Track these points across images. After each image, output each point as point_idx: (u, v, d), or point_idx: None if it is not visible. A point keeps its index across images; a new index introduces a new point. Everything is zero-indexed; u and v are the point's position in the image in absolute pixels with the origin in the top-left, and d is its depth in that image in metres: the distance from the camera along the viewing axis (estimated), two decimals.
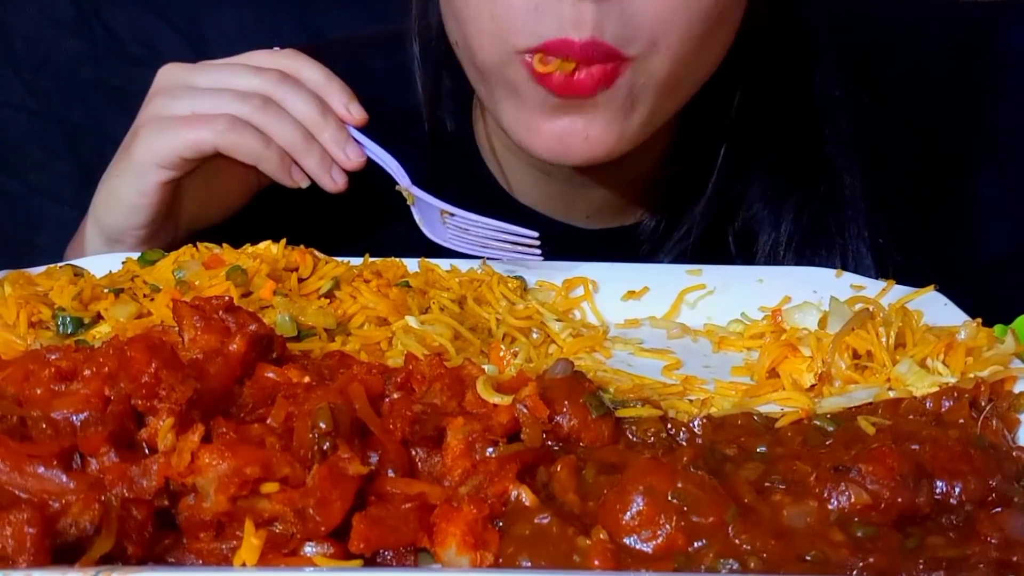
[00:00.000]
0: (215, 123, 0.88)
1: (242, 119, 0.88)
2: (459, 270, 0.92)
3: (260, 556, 0.55)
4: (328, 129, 0.90)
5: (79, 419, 0.60)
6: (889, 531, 0.57)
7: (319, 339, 0.80)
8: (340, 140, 0.90)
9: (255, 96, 0.89)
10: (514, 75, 0.88)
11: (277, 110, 0.89)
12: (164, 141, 0.89)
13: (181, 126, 0.88)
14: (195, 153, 0.88)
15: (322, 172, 0.91)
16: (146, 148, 0.89)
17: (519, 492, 0.60)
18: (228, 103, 0.88)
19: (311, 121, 0.89)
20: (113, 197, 0.93)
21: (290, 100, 0.89)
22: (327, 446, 0.59)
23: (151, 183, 0.90)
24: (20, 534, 0.52)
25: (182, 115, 0.89)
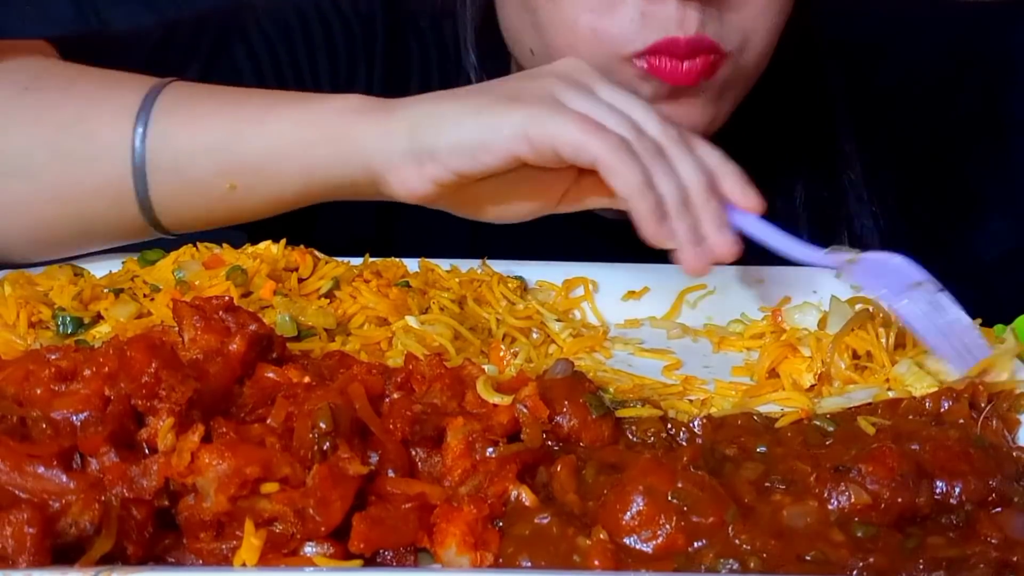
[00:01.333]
0: (608, 138, 0.78)
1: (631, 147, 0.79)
2: (459, 270, 0.92)
3: (260, 556, 0.55)
4: (710, 205, 0.79)
5: (79, 419, 0.60)
6: (889, 531, 0.57)
7: (319, 339, 0.80)
8: (718, 220, 0.79)
9: (648, 139, 0.80)
10: (621, 76, 0.89)
11: (665, 162, 0.80)
12: (551, 122, 0.79)
13: (574, 120, 0.79)
14: (572, 154, 0.79)
15: (690, 242, 0.79)
16: (526, 115, 0.79)
17: (519, 492, 0.60)
18: (624, 128, 0.80)
19: (696, 188, 0.79)
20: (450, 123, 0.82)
21: (683, 161, 0.80)
22: (327, 446, 0.59)
23: (505, 147, 0.80)
24: (20, 534, 0.52)
25: (576, 110, 0.80)
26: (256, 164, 0.86)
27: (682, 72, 0.88)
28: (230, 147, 0.86)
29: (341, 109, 0.85)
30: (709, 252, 0.79)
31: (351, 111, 0.85)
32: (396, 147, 0.82)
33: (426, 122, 0.82)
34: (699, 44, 0.87)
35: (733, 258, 0.79)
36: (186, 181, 0.87)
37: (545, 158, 0.79)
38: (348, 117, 0.84)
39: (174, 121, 0.86)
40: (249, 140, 0.86)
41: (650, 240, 0.79)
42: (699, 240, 0.79)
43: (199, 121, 0.86)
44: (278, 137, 0.85)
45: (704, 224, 0.79)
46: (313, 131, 0.85)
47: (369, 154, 0.83)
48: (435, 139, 0.81)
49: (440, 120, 0.82)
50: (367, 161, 0.83)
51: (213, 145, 0.86)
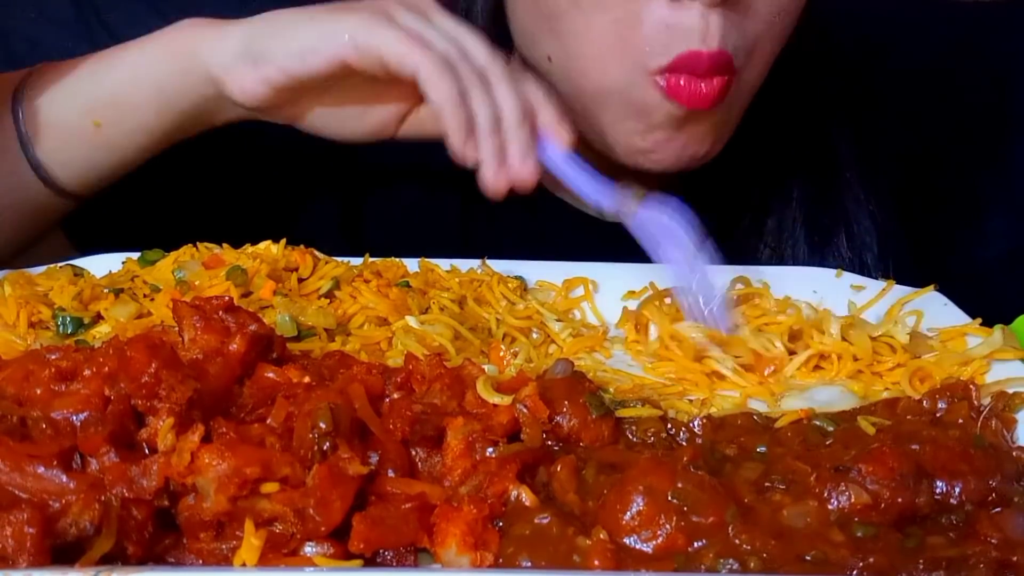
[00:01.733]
0: (431, 53, 0.84)
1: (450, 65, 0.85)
2: (459, 270, 0.92)
3: (260, 556, 0.55)
4: (520, 131, 0.85)
5: (79, 419, 0.60)
6: (889, 531, 0.57)
7: (319, 339, 0.80)
8: (524, 148, 0.85)
9: (470, 64, 0.85)
10: (643, 94, 0.90)
11: (486, 89, 0.85)
12: (378, 31, 0.84)
13: (400, 34, 0.84)
14: (396, 64, 0.84)
15: (490, 162, 0.85)
16: (356, 22, 0.85)
17: (519, 492, 0.60)
18: (450, 51, 0.85)
19: (510, 116, 0.85)
20: (283, 27, 0.88)
21: (502, 88, 0.85)
22: (327, 446, 0.59)
23: (333, 51, 0.85)
24: (20, 534, 0.52)
25: (407, 25, 0.85)
26: (112, 96, 0.93)
27: (701, 95, 0.88)
28: (88, 88, 0.93)
29: (179, 27, 0.91)
30: (511, 173, 0.85)
31: (189, 27, 0.91)
32: (231, 50, 0.88)
33: (261, 28, 0.88)
34: (720, 59, 0.87)
35: (531, 184, 0.85)
36: (59, 129, 0.94)
37: (371, 66, 0.85)
38: (187, 33, 0.91)
39: (42, 83, 0.94)
40: (102, 76, 0.93)
41: (456, 153, 0.85)
42: (503, 162, 0.84)
43: (61, 77, 0.94)
44: (127, 67, 0.93)
45: (511, 148, 0.85)
46: (157, 53, 0.91)
47: (207, 61, 0.89)
48: (268, 41, 0.87)
49: (275, 26, 0.88)
50: (206, 68, 0.89)
51: (73, 90, 0.94)
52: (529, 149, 0.85)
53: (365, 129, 0.93)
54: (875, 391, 0.77)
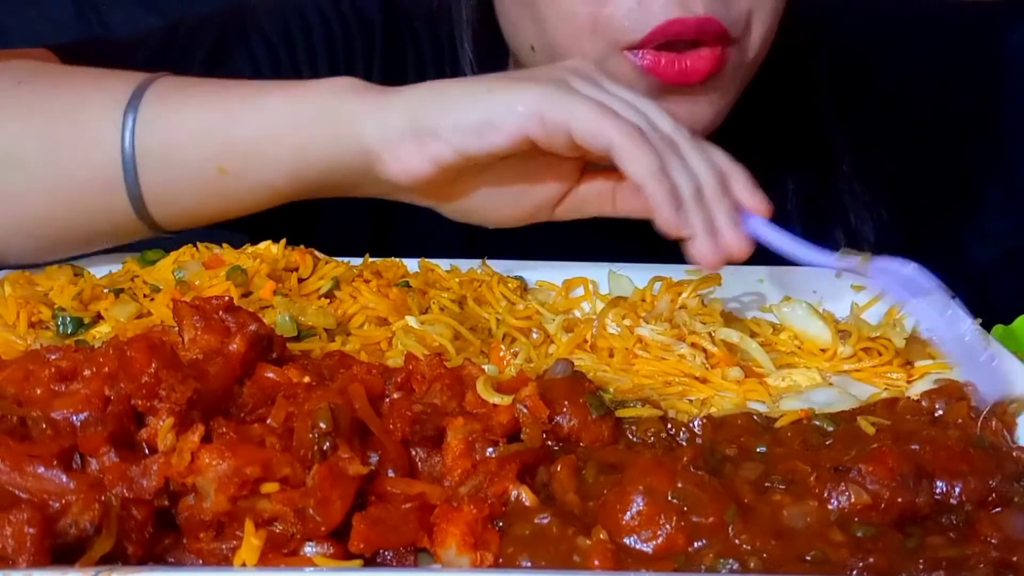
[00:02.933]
0: (623, 122, 0.76)
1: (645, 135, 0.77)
2: (459, 270, 0.92)
3: (260, 556, 0.55)
4: (725, 201, 0.78)
5: (79, 419, 0.60)
6: (889, 531, 0.57)
7: (319, 339, 0.80)
8: (732, 217, 0.77)
9: (662, 132, 0.78)
10: (616, 69, 0.87)
11: (679, 156, 0.78)
12: (565, 103, 0.76)
13: (589, 103, 0.76)
14: (587, 135, 0.76)
15: (706, 235, 0.76)
16: (539, 93, 0.77)
17: (519, 492, 0.60)
18: (638, 118, 0.78)
19: (710, 186, 0.78)
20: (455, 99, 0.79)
21: (695, 157, 0.78)
22: (327, 446, 0.59)
23: (515, 125, 0.77)
24: (20, 534, 0.52)
25: (590, 97, 0.77)
26: (247, 146, 0.83)
27: (685, 69, 0.86)
28: (221, 130, 0.84)
29: (335, 89, 0.83)
30: (724, 246, 0.77)
31: (346, 90, 0.82)
32: (395, 125, 0.79)
33: (430, 101, 0.80)
34: (707, 25, 0.85)
35: (746, 256, 0.78)
36: (176, 168, 0.84)
37: (556, 140, 0.77)
38: (343, 97, 0.82)
39: (164, 108, 0.85)
40: (240, 122, 0.84)
41: (666, 227, 0.77)
42: (714, 233, 0.77)
43: (189, 107, 0.85)
44: (270, 117, 0.83)
45: (718, 219, 0.77)
46: (306, 110, 0.82)
47: (364, 132, 0.80)
48: (439, 116, 0.78)
49: (446, 98, 0.80)
50: (362, 139, 0.80)
51: (203, 129, 0.84)
52: (735, 218, 0.78)
53: (520, 213, 0.86)
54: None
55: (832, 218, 1.06)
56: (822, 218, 1.06)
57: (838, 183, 1.06)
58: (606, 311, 0.84)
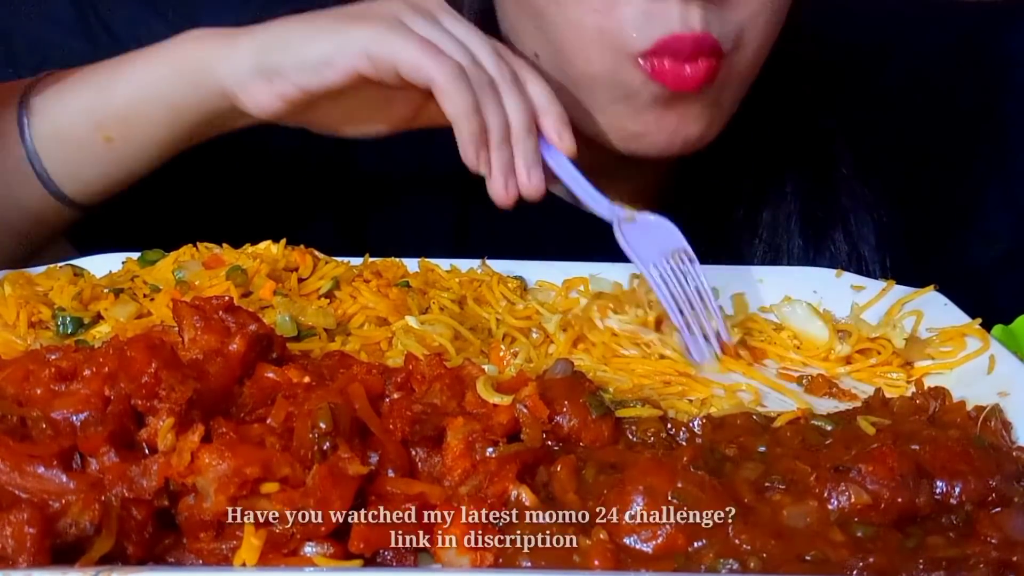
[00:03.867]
0: (445, 62, 0.84)
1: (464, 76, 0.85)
2: (459, 270, 0.92)
3: (260, 556, 0.55)
4: (527, 143, 0.87)
5: (79, 419, 0.60)
6: (889, 531, 0.57)
7: (319, 339, 0.80)
8: (531, 159, 0.87)
9: (482, 71, 0.86)
10: (628, 77, 0.91)
11: (496, 96, 0.86)
12: (392, 42, 0.84)
13: (415, 42, 0.84)
14: (411, 75, 0.85)
15: (501, 175, 0.86)
16: (369, 33, 0.85)
17: (519, 492, 0.60)
18: (462, 56, 0.85)
19: (517, 125, 0.86)
20: (295, 40, 0.87)
21: (511, 96, 0.86)
22: (327, 446, 0.59)
23: (347, 63, 0.85)
24: (20, 534, 0.52)
25: (419, 33, 0.85)
26: (123, 111, 0.92)
27: (685, 77, 0.89)
28: (96, 104, 0.92)
29: (187, 41, 0.91)
30: (518, 186, 0.86)
31: (197, 41, 0.90)
32: (244, 65, 0.87)
33: (273, 41, 0.88)
34: (704, 42, 0.88)
35: (538, 195, 0.87)
36: (68, 146, 0.93)
37: (386, 76, 0.85)
38: (195, 47, 0.90)
39: (47, 98, 0.94)
40: (111, 93, 0.92)
41: (468, 165, 0.86)
42: (511, 174, 0.86)
43: (66, 91, 0.94)
44: (136, 82, 0.92)
45: (518, 159, 0.86)
46: (166, 69, 0.91)
47: (219, 76, 0.88)
48: (282, 57, 0.86)
49: (287, 39, 0.87)
50: (219, 83, 0.88)
51: (81, 106, 0.93)
52: (536, 160, 0.87)
53: (380, 128, 0.94)
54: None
55: (831, 220, 1.06)
56: (821, 220, 1.06)
57: (837, 185, 1.07)
58: (590, 304, 0.84)
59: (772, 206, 1.07)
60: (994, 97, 1.14)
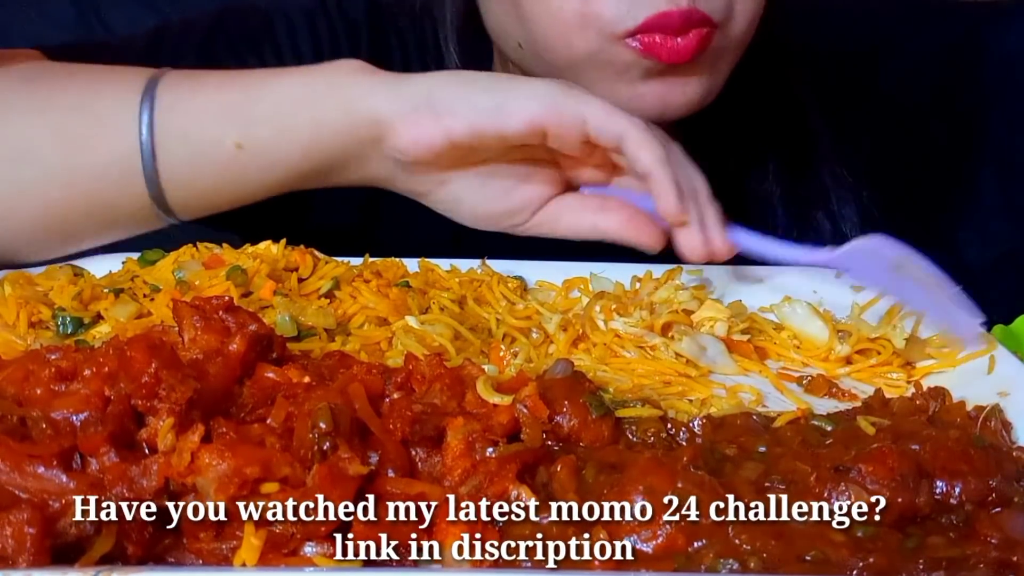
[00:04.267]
0: (634, 120, 0.81)
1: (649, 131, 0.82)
2: (459, 270, 0.92)
3: (260, 556, 0.55)
4: (715, 205, 0.84)
5: (79, 419, 0.60)
6: (889, 531, 0.57)
7: (319, 339, 0.80)
8: (722, 220, 0.84)
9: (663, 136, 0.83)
10: (616, 56, 0.90)
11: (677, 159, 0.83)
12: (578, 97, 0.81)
13: (601, 101, 0.81)
14: (600, 127, 0.80)
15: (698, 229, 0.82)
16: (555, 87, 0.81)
17: (519, 492, 0.60)
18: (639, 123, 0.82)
19: (703, 188, 0.84)
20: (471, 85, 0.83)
21: (688, 163, 0.84)
22: (327, 446, 0.59)
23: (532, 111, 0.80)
24: (20, 534, 0.52)
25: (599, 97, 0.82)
26: (264, 120, 0.85)
27: (678, 49, 0.88)
28: (239, 107, 0.86)
29: (350, 68, 0.86)
30: (713, 240, 0.83)
31: (359, 69, 0.85)
32: (409, 98, 0.82)
33: (446, 83, 0.83)
34: (692, 16, 0.87)
35: (729, 256, 0.84)
36: (194, 146, 0.86)
37: (568, 131, 0.81)
38: (356, 74, 0.85)
39: (180, 93, 0.87)
40: (257, 99, 0.86)
41: (668, 213, 0.81)
42: (704, 229, 0.83)
43: (206, 90, 0.87)
44: (285, 94, 0.86)
45: (708, 217, 0.83)
46: (320, 86, 0.85)
47: (378, 104, 0.83)
48: (454, 96, 0.82)
49: (466, 82, 0.83)
50: (375, 111, 0.83)
51: (221, 107, 0.86)
52: (723, 221, 0.84)
53: (500, 212, 0.88)
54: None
55: (813, 200, 1.07)
56: (803, 199, 1.07)
57: (818, 165, 1.07)
58: (592, 304, 0.84)
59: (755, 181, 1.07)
60: (993, 97, 1.14)
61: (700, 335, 0.82)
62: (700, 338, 0.82)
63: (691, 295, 0.86)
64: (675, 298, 0.86)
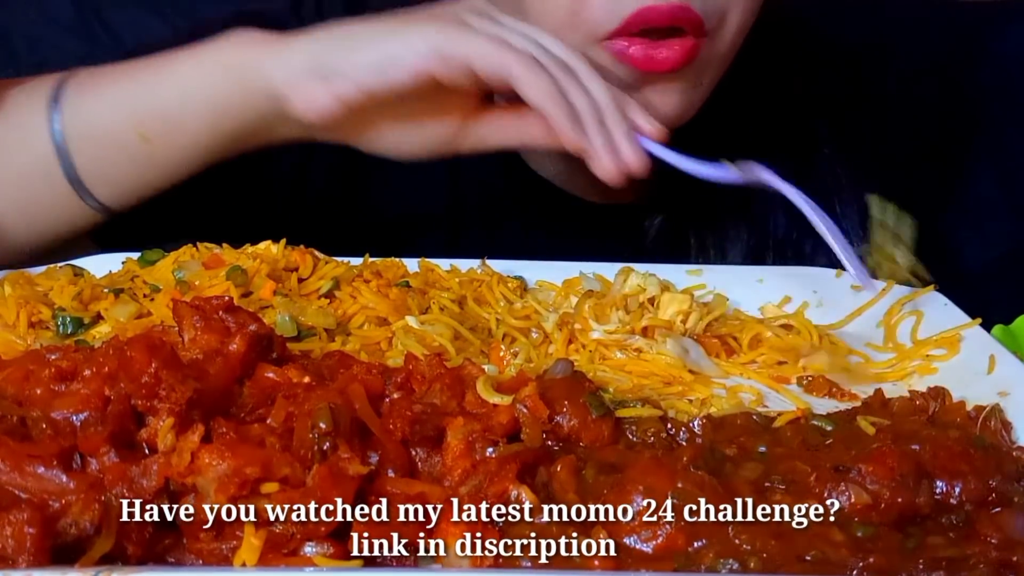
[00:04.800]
0: (521, 53, 0.81)
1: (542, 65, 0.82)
2: (459, 270, 0.92)
3: (260, 556, 0.55)
4: (623, 121, 0.84)
5: (79, 419, 0.60)
6: (889, 531, 0.57)
7: (319, 339, 0.80)
8: (630, 135, 0.84)
9: (558, 59, 0.84)
10: (597, 59, 0.90)
11: (576, 80, 0.84)
12: (461, 38, 0.81)
13: (484, 39, 0.81)
14: (486, 68, 0.81)
15: (605, 152, 0.83)
16: (437, 31, 0.82)
17: (519, 492, 0.60)
18: (534, 48, 0.83)
19: (608, 106, 0.84)
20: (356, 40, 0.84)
21: (592, 81, 0.84)
22: (327, 446, 0.59)
23: (416, 61, 0.82)
24: (20, 534, 0.52)
25: (486, 32, 0.82)
26: (164, 109, 0.89)
27: (656, 59, 0.88)
28: (137, 101, 0.89)
29: (238, 42, 0.87)
30: (624, 159, 0.84)
31: (247, 42, 0.87)
32: (299, 66, 0.84)
33: (330, 41, 0.85)
34: (680, 14, 0.86)
35: (644, 171, 0.84)
36: (103, 145, 0.90)
37: (457, 75, 0.82)
38: (246, 47, 0.87)
39: (83, 94, 0.91)
40: (153, 90, 0.89)
41: (568, 143, 0.83)
42: (613, 150, 0.83)
43: (105, 88, 0.91)
44: (180, 80, 0.88)
45: (616, 136, 0.84)
46: (213, 64, 0.87)
47: (269, 75, 0.85)
48: (343, 56, 0.83)
49: (348, 39, 0.85)
50: (268, 83, 0.85)
51: (120, 101, 0.90)
52: (633, 136, 0.84)
53: (426, 145, 0.91)
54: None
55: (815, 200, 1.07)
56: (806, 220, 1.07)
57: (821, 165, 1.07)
58: (582, 303, 0.84)
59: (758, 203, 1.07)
60: (993, 97, 1.15)
61: (682, 339, 0.82)
62: (683, 341, 0.81)
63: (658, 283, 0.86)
64: (644, 284, 0.86)
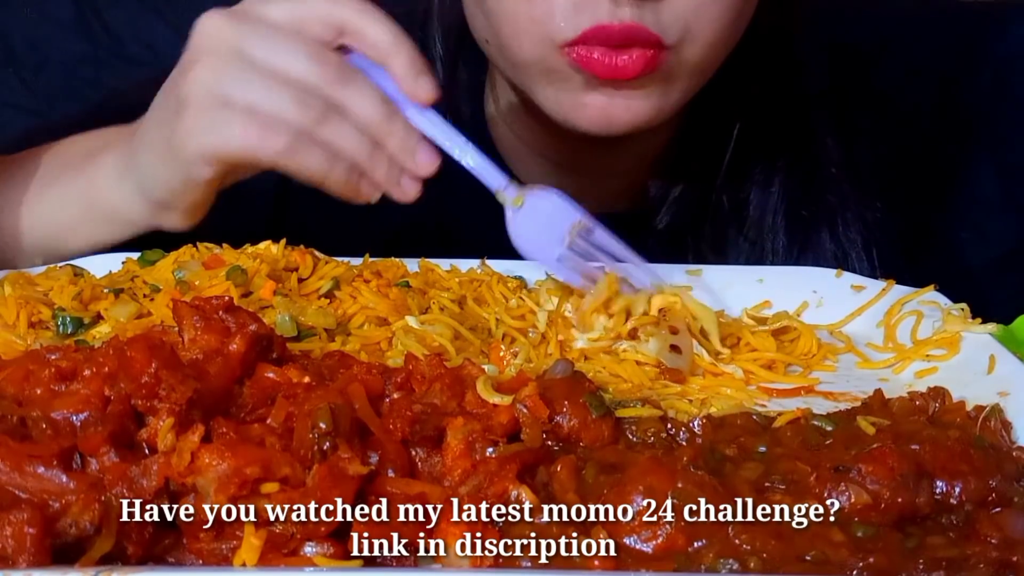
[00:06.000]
0: (277, 139, 0.80)
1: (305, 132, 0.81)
2: (459, 270, 0.92)
3: (260, 556, 0.55)
4: (396, 134, 0.82)
5: (79, 419, 0.60)
6: (889, 531, 0.57)
7: (319, 339, 0.80)
8: (409, 145, 0.82)
9: (316, 99, 0.80)
10: (555, 63, 0.91)
11: (340, 119, 0.81)
12: (219, 138, 0.81)
13: (239, 126, 0.80)
14: (254, 161, 0.82)
15: (392, 184, 0.83)
16: (200, 141, 0.82)
17: (519, 492, 0.60)
18: (288, 106, 0.80)
19: (377, 127, 0.81)
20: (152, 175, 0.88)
21: (354, 102, 0.81)
22: (327, 446, 0.59)
23: (201, 179, 0.85)
24: (20, 534, 0.52)
25: (240, 104, 0.80)
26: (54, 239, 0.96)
27: (617, 66, 0.88)
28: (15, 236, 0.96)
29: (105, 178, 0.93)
30: (412, 183, 0.83)
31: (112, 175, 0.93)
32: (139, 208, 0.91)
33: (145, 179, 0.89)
34: (634, 32, 0.87)
35: (433, 170, 0.83)
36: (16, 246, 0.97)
37: (238, 168, 0.85)
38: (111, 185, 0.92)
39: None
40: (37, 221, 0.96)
41: (359, 202, 0.84)
42: (400, 173, 0.83)
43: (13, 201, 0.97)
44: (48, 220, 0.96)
45: (396, 150, 0.82)
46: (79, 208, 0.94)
47: (131, 217, 0.92)
48: (159, 193, 0.88)
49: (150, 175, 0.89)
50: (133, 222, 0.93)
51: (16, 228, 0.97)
52: (411, 139, 0.82)
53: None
54: None
55: (817, 219, 1.06)
56: (807, 220, 1.06)
57: (825, 184, 1.07)
58: (561, 302, 0.84)
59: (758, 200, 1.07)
60: (993, 97, 1.15)
61: (679, 337, 0.81)
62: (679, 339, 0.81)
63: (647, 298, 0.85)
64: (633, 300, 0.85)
